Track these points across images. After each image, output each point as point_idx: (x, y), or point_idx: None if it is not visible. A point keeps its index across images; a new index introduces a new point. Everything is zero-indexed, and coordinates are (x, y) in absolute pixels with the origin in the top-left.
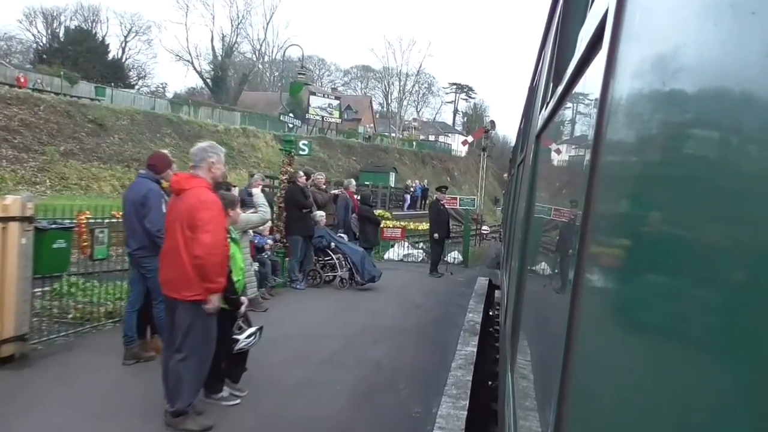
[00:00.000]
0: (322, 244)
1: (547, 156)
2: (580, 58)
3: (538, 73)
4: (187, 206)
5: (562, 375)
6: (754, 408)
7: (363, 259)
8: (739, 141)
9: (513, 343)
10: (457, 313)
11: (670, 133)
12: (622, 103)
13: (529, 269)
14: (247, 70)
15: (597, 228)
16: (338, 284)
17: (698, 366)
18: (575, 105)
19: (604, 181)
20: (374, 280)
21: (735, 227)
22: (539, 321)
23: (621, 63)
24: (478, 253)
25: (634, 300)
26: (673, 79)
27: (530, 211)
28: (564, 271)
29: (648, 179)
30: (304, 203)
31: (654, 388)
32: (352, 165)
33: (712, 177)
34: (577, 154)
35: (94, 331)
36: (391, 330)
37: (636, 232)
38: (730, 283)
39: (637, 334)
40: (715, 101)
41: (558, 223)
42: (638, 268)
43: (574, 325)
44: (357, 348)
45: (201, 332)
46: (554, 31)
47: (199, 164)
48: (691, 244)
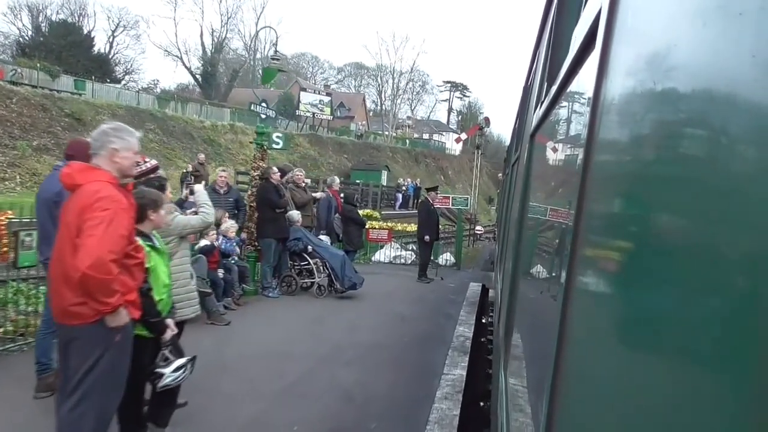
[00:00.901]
0: (297, 247)
1: (541, 155)
2: (573, 57)
3: (533, 73)
4: (78, 206)
5: (554, 373)
6: (746, 410)
7: (343, 264)
8: (732, 140)
9: (506, 342)
10: (446, 326)
11: (663, 133)
12: (615, 102)
13: (523, 268)
14: (238, 66)
15: (590, 227)
16: (316, 292)
17: (689, 365)
18: (569, 104)
19: (598, 181)
20: (356, 287)
21: (730, 226)
22: (532, 320)
23: (614, 62)
24: (472, 254)
25: (627, 300)
26: (665, 79)
27: (524, 211)
28: (557, 271)
29: (641, 178)
30: (277, 202)
31: (645, 387)
32: (344, 163)
33: (705, 176)
34: (570, 153)
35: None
36: (369, 347)
37: (629, 232)
38: (724, 284)
39: (630, 334)
40: (706, 100)
41: (552, 223)
42: (632, 267)
43: (567, 323)
44: (326, 372)
45: (105, 369)
46: (549, 31)
47: (98, 152)
48: (685, 243)
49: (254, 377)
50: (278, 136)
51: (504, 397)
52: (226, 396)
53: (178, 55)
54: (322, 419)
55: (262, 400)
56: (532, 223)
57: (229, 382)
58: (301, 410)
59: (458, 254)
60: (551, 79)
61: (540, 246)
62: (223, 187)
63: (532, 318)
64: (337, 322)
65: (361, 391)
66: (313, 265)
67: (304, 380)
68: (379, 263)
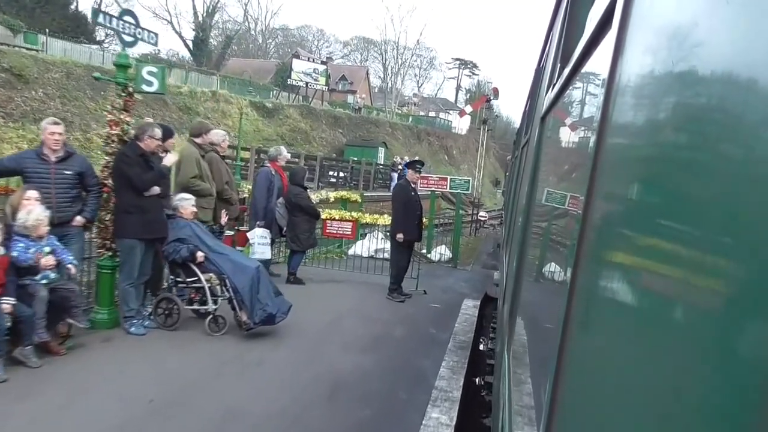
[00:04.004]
0: (181, 254)
1: (552, 138)
2: (588, 38)
3: (546, 55)
4: None
5: (558, 357)
6: (748, 408)
7: (255, 282)
8: (755, 125)
9: (510, 324)
10: (411, 406)
11: (681, 117)
12: (631, 84)
13: (530, 252)
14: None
15: (600, 212)
16: (208, 326)
17: (697, 351)
18: (582, 86)
19: (610, 165)
20: (273, 320)
21: (749, 215)
22: (538, 303)
23: (631, 43)
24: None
25: (636, 287)
26: (684, 60)
27: (533, 193)
28: (564, 255)
29: (655, 164)
30: (142, 181)
31: (650, 371)
32: (338, 138)
33: (723, 163)
34: (583, 136)
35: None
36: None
37: (641, 219)
38: (749, 276)
39: (637, 321)
40: (727, 83)
41: (560, 206)
42: (642, 254)
43: (573, 308)
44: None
45: None
46: (563, 12)
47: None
48: (698, 235)
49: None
50: (151, 72)
51: (507, 380)
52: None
53: (167, 18)
54: None
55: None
56: (540, 206)
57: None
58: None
59: (456, 247)
60: (565, 60)
61: (547, 230)
62: (57, 151)
63: (538, 301)
64: (211, 399)
65: None
66: (205, 284)
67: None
68: (354, 258)
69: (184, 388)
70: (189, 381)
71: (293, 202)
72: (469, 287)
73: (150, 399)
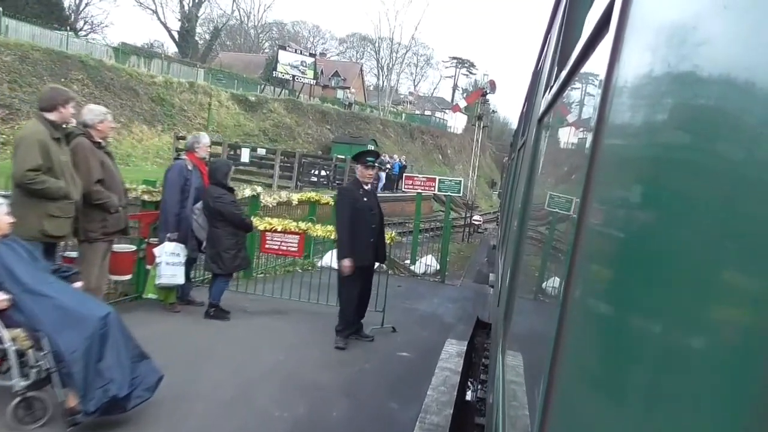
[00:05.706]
0: None
1: (548, 140)
2: (586, 40)
3: (543, 57)
4: None
5: (552, 361)
6: (741, 412)
7: (96, 342)
8: (754, 128)
9: (505, 325)
10: None
11: (678, 120)
12: (628, 87)
13: (525, 253)
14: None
15: (596, 215)
16: (12, 416)
17: (695, 358)
18: (580, 88)
19: (607, 167)
20: (125, 404)
21: (750, 218)
22: (533, 306)
23: (627, 46)
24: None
25: (631, 290)
26: (682, 63)
27: (529, 195)
28: (559, 256)
29: (652, 167)
30: None
31: (646, 373)
32: (325, 134)
33: (720, 165)
34: (580, 138)
35: None
36: None
37: (637, 222)
38: (744, 276)
39: (632, 324)
40: (725, 86)
41: (556, 208)
42: (639, 257)
43: (568, 310)
44: None
45: None
46: (561, 14)
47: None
48: (693, 233)
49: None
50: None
51: (501, 383)
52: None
53: (152, 8)
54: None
55: None
56: (536, 208)
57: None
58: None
59: (444, 257)
60: (562, 62)
61: (543, 232)
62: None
63: (533, 304)
64: None
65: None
66: (7, 344)
67: None
68: (322, 272)
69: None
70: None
71: (212, 208)
72: (456, 312)
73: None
